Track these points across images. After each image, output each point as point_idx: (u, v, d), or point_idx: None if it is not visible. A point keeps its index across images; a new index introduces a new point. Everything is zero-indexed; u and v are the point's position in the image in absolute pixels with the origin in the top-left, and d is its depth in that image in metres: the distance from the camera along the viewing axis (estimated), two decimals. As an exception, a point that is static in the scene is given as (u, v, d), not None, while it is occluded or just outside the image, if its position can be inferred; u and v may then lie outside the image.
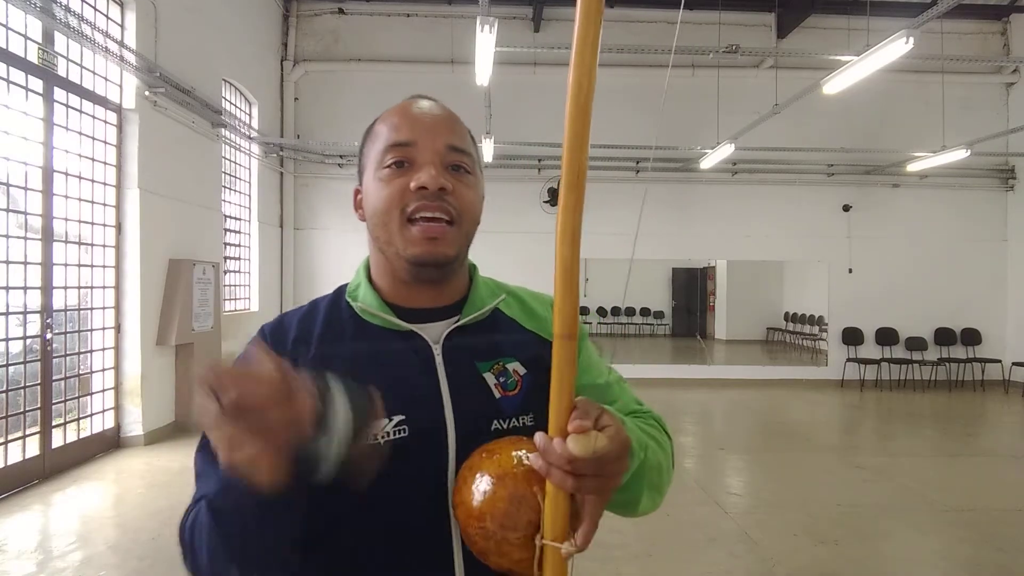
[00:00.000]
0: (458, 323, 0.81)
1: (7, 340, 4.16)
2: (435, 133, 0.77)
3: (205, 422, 0.52)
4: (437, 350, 0.78)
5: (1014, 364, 8.73)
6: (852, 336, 9.22)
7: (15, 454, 4.23)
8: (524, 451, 0.64)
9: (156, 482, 4.43)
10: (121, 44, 5.04)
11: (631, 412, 0.87)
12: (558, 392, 0.60)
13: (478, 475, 0.64)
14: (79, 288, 4.88)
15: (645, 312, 14.24)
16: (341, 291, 0.85)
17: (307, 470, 0.56)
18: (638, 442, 0.69)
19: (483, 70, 5.69)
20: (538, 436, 0.60)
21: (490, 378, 0.79)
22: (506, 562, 0.62)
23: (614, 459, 0.60)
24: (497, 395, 0.78)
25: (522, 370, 0.81)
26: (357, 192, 0.84)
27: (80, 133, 4.85)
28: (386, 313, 0.79)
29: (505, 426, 0.77)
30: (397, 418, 0.73)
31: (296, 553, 0.67)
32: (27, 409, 4.36)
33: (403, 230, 0.75)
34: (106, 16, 5.11)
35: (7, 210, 4.13)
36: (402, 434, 0.73)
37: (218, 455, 0.54)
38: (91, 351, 5.03)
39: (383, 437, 0.72)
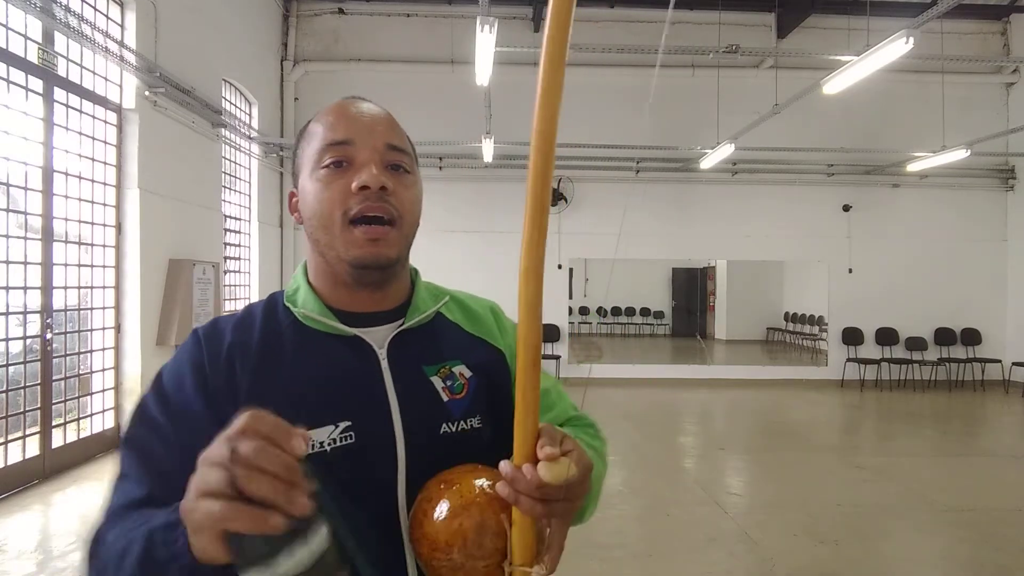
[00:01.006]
0: (402, 327, 0.79)
1: (7, 340, 4.16)
2: (374, 132, 0.76)
3: (211, 457, 0.49)
4: (382, 354, 0.77)
5: (1014, 364, 8.73)
6: (852, 336, 9.22)
7: (15, 454, 4.23)
8: (484, 479, 0.64)
9: (156, 482, 4.42)
10: (121, 44, 5.04)
11: (569, 418, 0.88)
12: (523, 419, 0.60)
13: (439, 507, 0.63)
14: (79, 288, 4.88)
15: (645, 312, 14.25)
16: (276, 297, 0.82)
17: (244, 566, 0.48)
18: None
19: (483, 70, 5.68)
20: (504, 465, 0.60)
21: (437, 381, 0.78)
22: None
23: (579, 483, 0.62)
24: (445, 398, 0.77)
25: (468, 373, 0.80)
26: (292, 195, 0.81)
27: (80, 133, 4.84)
28: (328, 318, 0.77)
29: (454, 429, 0.76)
30: (343, 424, 0.71)
31: None
32: (27, 409, 4.36)
33: (345, 233, 0.73)
34: (106, 16, 5.11)
35: (7, 210, 4.12)
36: (348, 440, 0.71)
37: (188, 496, 0.50)
38: (91, 351, 5.02)
39: (329, 444, 0.69)
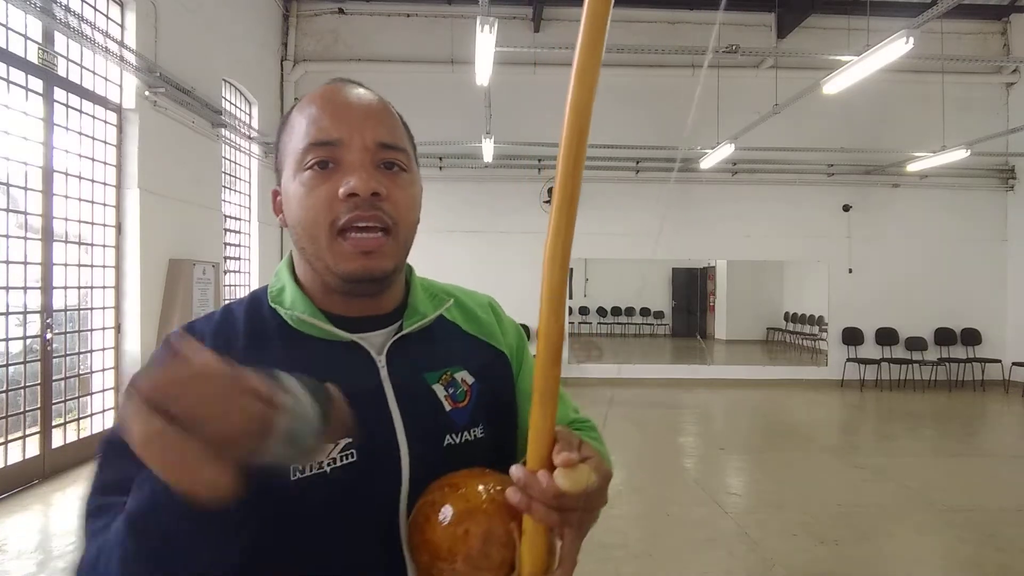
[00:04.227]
0: (401, 332, 0.72)
1: (7, 340, 4.16)
2: (363, 127, 0.66)
3: (142, 439, 0.43)
4: (381, 362, 0.69)
5: (1014, 364, 8.72)
6: (852, 336, 9.21)
7: (15, 454, 4.22)
8: (491, 484, 0.60)
9: (156, 482, 4.42)
10: (121, 44, 5.04)
11: (571, 421, 0.84)
12: (539, 422, 0.56)
13: (442, 511, 0.58)
14: (79, 288, 4.87)
15: (645, 312, 14.25)
16: (260, 296, 0.73)
17: (270, 473, 0.48)
18: None
19: (483, 70, 5.69)
20: (515, 470, 0.56)
21: (439, 390, 0.71)
22: None
23: (599, 492, 0.57)
24: (448, 407, 0.71)
25: (470, 379, 0.74)
26: (276, 194, 0.72)
27: (80, 133, 4.84)
28: (321, 321, 0.68)
29: (457, 440, 0.70)
30: (343, 442, 0.63)
31: None
32: (27, 409, 4.36)
33: (333, 244, 0.65)
34: (106, 16, 5.11)
35: (7, 210, 4.12)
36: (350, 459, 0.63)
37: (156, 473, 0.45)
38: (91, 351, 5.02)
39: (329, 464, 0.63)
